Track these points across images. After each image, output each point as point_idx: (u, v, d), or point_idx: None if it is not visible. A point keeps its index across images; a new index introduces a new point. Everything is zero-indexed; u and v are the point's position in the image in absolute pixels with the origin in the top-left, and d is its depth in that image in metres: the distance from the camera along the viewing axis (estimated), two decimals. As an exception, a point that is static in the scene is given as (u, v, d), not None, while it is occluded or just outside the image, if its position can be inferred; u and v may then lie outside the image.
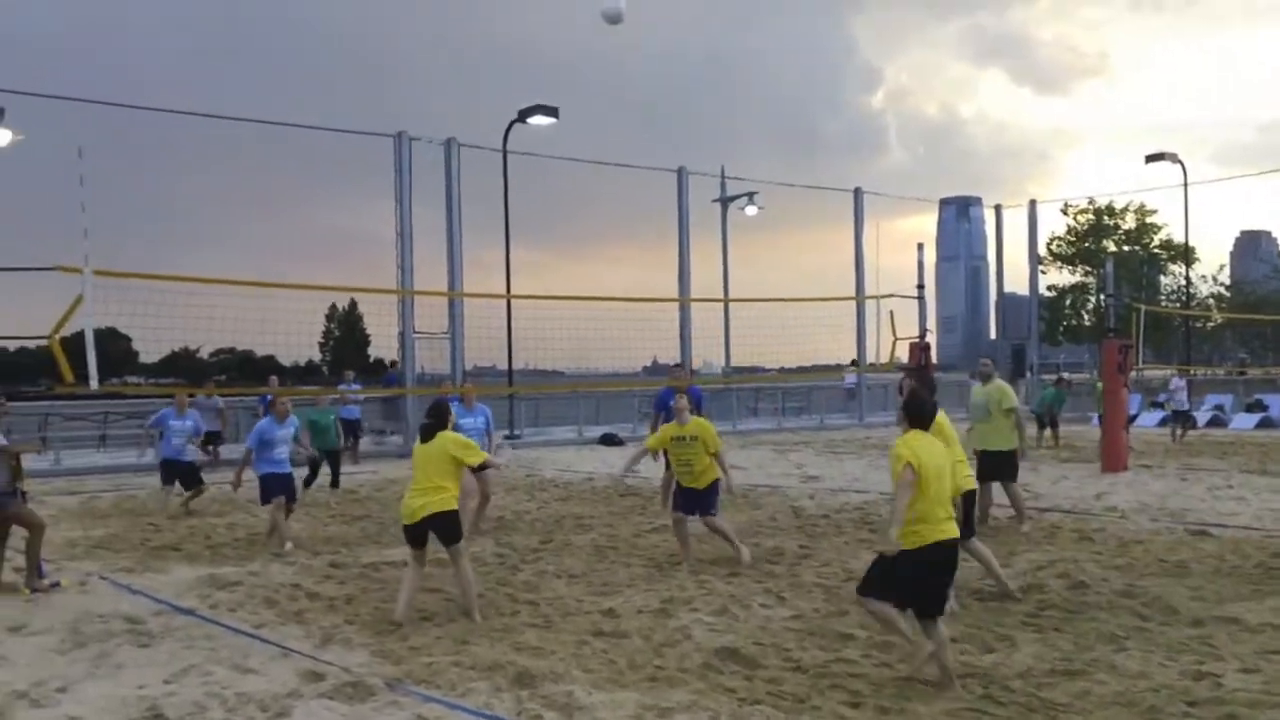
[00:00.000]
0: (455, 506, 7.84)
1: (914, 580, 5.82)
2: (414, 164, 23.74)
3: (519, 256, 33.35)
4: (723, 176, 34.95)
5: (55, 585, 8.85)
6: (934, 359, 15.96)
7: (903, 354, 16.28)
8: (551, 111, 26.30)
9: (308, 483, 14.44)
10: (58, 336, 9.55)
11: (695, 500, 9.72)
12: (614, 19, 11.50)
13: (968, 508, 7.98)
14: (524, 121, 26.34)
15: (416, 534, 7.74)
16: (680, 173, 28.86)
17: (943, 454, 6.10)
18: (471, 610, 7.61)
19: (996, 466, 11.10)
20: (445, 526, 7.72)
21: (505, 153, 26.28)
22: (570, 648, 6.75)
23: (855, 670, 6.20)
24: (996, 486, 11.17)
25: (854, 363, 30.78)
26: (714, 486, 9.75)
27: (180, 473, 13.69)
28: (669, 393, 13.44)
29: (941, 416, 6.68)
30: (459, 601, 7.83)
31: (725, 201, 34.68)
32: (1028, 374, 35.67)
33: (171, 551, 10.81)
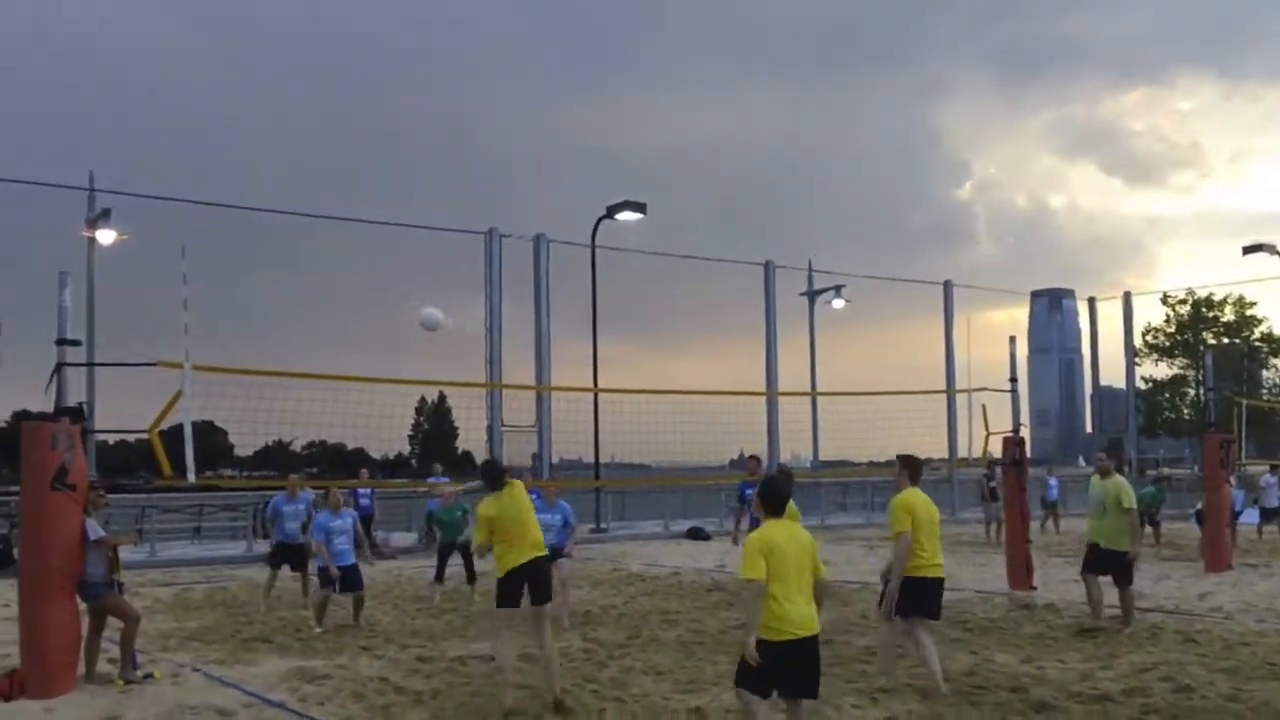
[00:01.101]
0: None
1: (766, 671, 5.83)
2: (503, 259, 24.20)
3: (606, 350, 33.57)
4: (810, 270, 35.00)
5: (148, 677, 8.96)
6: (1028, 453, 15.56)
7: (996, 448, 15.91)
8: (639, 207, 26.68)
9: (438, 577, 14.40)
10: (157, 430, 9.79)
11: None
12: (432, 327, 12.03)
13: (928, 595, 8.16)
14: (612, 217, 26.73)
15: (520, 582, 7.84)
16: (767, 266, 28.95)
17: (798, 542, 6.08)
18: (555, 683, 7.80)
19: (1108, 564, 10.95)
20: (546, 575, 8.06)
21: (594, 248, 26.67)
22: (658, 747, 6.61)
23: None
24: (1105, 583, 10.96)
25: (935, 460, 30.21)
26: None
27: (290, 556, 13.83)
28: (746, 486, 13.42)
29: (791, 505, 6.54)
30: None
31: (812, 295, 34.67)
32: (1126, 469, 34.66)
33: (262, 643, 10.89)
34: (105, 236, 21.48)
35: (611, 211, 26.68)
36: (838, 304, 33.74)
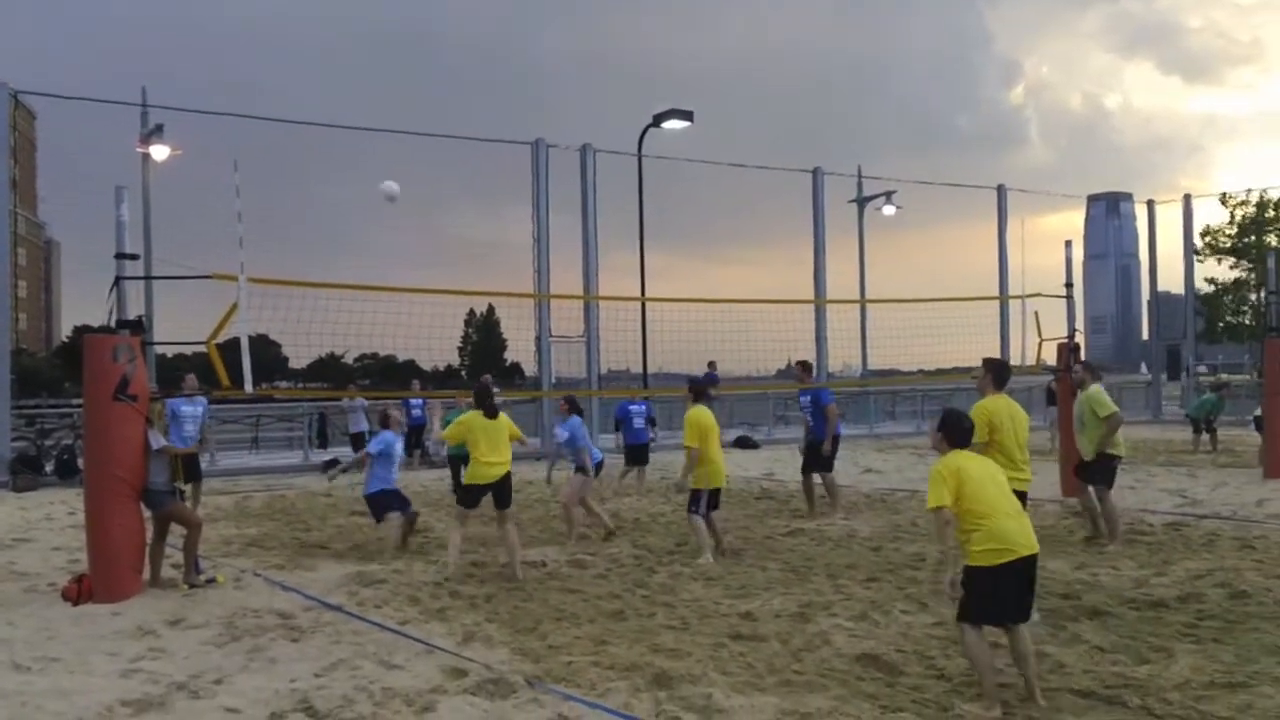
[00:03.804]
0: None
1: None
2: (550, 169, 24.06)
3: (653, 260, 33.45)
4: (859, 176, 34.39)
5: (211, 581, 9.23)
6: (1084, 359, 15.36)
7: (1049, 355, 15.68)
8: (686, 115, 26.32)
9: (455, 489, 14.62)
10: (214, 342, 9.92)
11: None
12: (391, 197, 11.84)
13: None
14: (659, 126, 26.42)
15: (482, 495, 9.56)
16: (815, 173, 28.54)
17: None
18: (517, 571, 9.19)
19: (1096, 473, 10.79)
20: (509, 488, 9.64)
21: (640, 157, 26.41)
22: (707, 650, 6.72)
23: (1002, 680, 5.98)
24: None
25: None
26: None
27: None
28: (803, 394, 13.43)
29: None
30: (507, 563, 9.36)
31: (862, 202, 34.12)
32: (1183, 375, 34.17)
33: (319, 549, 11.16)
34: (159, 152, 21.60)
35: (658, 120, 26.36)
36: (888, 210, 33.16)
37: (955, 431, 5.96)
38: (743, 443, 25.29)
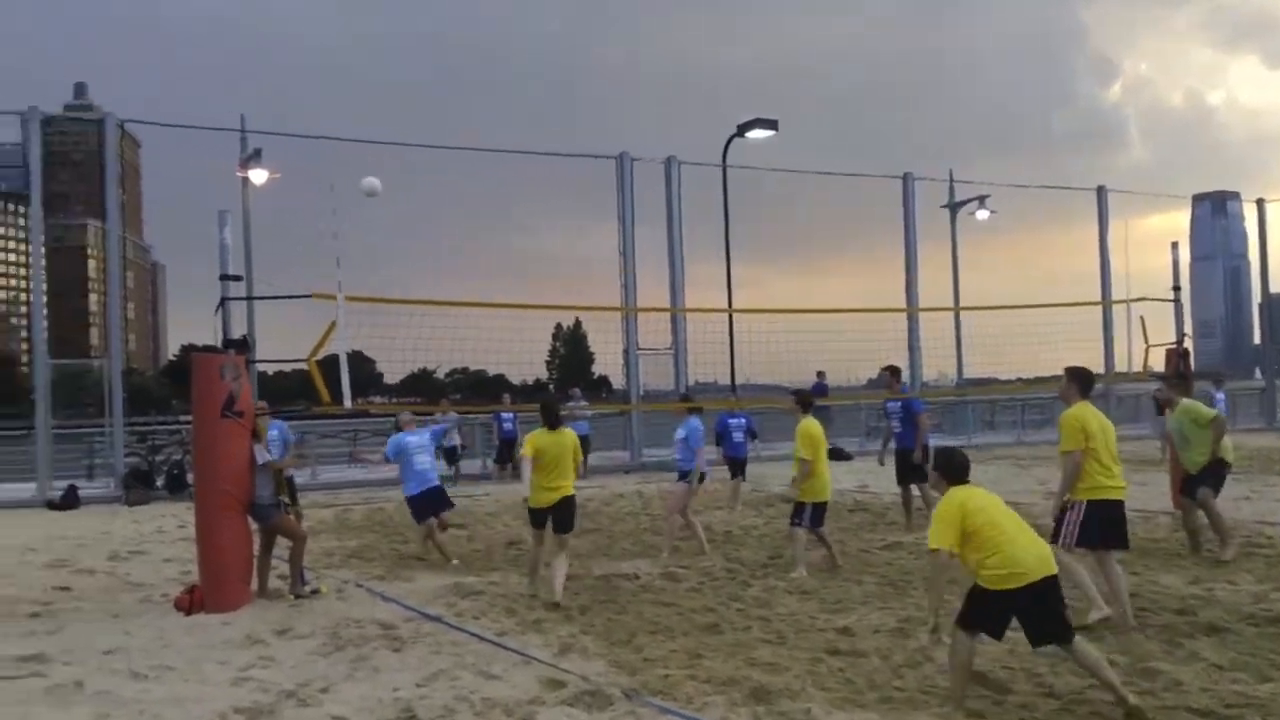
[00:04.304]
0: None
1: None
2: (635, 182, 24.15)
3: (740, 271, 33.31)
4: (951, 180, 33.83)
5: (315, 592, 9.45)
6: (1193, 365, 14.90)
7: (1156, 362, 15.24)
8: (771, 124, 26.20)
9: None
10: (315, 359, 10.17)
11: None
12: (371, 193, 11.74)
13: (1113, 520, 7.65)
14: (743, 136, 26.33)
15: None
16: (906, 179, 28.17)
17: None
18: (556, 593, 8.69)
19: (1196, 482, 10.42)
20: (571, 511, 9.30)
21: (725, 168, 26.36)
22: (805, 665, 6.66)
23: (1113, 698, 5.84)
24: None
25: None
26: None
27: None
28: (889, 402, 13.27)
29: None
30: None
31: (954, 207, 33.59)
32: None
33: (417, 561, 11.33)
34: (258, 176, 22.18)
35: (742, 130, 26.28)
36: (982, 215, 32.51)
37: (950, 469, 5.97)
38: (835, 454, 25.02)
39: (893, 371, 14.05)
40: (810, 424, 10.39)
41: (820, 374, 24.68)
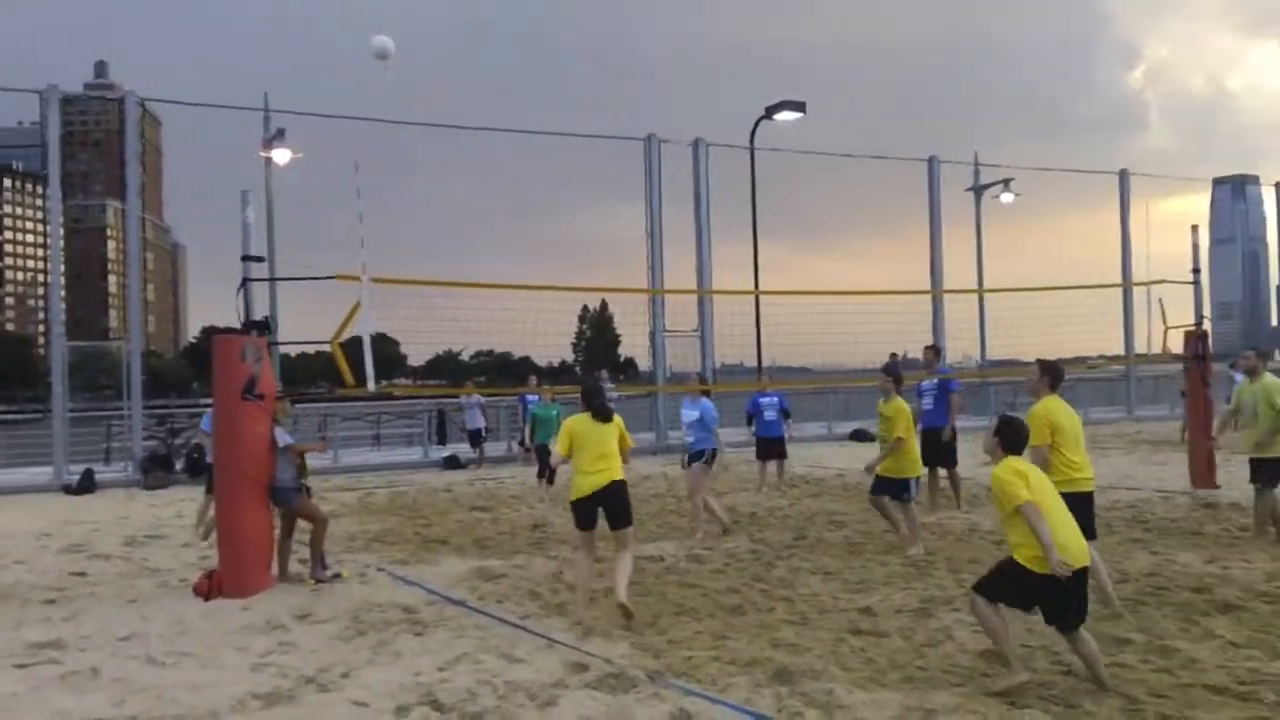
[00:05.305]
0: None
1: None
2: (662, 164, 24.07)
3: (766, 253, 33.19)
4: (976, 164, 33.60)
5: (337, 576, 9.45)
6: (1211, 348, 14.79)
7: (1175, 344, 15.12)
8: (798, 106, 26.09)
9: (540, 473, 14.82)
10: (338, 341, 10.17)
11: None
12: (382, 54, 11.27)
13: (1084, 509, 7.32)
14: (770, 118, 26.23)
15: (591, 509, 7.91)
16: (931, 162, 28.03)
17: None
18: (620, 594, 7.54)
19: (1273, 474, 10.00)
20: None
21: (753, 150, 26.26)
22: (828, 645, 6.64)
23: (1133, 675, 5.81)
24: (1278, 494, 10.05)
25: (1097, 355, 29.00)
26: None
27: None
28: (921, 383, 13.23)
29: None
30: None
31: (979, 190, 33.38)
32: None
33: (441, 545, 11.35)
34: (281, 155, 22.19)
35: (770, 112, 26.19)
36: (1006, 198, 32.31)
37: (1013, 439, 6.03)
38: (859, 435, 24.99)
39: (935, 351, 14.29)
40: (901, 403, 10.52)
41: (893, 355, 24.49)
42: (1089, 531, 7.64)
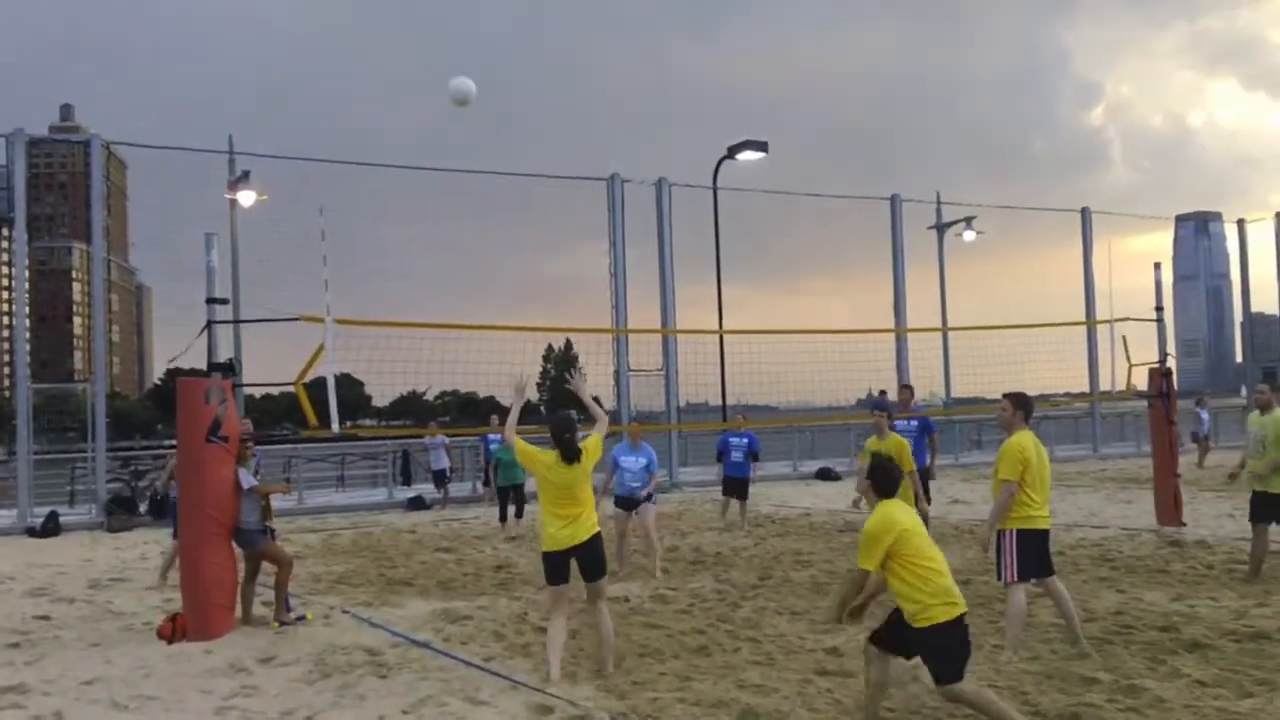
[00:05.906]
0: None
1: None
2: (625, 204, 24.19)
3: (730, 292, 33.40)
4: (938, 202, 33.96)
5: (301, 619, 9.35)
6: (1175, 385, 14.99)
7: (1140, 381, 15.31)
8: (761, 146, 26.38)
9: (501, 517, 15.84)
10: (302, 383, 10.12)
11: None
12: (462, 99, 10.81)
13: (1044, 549, 7.52)
14: (733, 157, 26.52)
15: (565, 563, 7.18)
16: (893, 201, 28.33)
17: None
18: (608, 664, 7.20)
19: (1274, 509, 10.05)
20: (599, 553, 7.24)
21: (715, 189, 26.47)
22: (794, 686, 6.63)
23: (1101, 716, 5.84)
24: (1274, 531, 10.14)
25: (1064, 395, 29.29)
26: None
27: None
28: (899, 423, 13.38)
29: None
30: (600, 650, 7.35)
31: (941, 228, 33.75)
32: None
33: (405, 586, 11.26)
34: (246, 198, 22.12)
35: (732, 152, 26.47)
36: (969, 236, 32.65)
37: (885, 482, 5.85)
38: (824, 474, 25.04)
39: (911, 391, 14.63)
40: (900, 438, 10.69)
41: (882, 392, 24.48)
42: (1047, 567, 7.71)
